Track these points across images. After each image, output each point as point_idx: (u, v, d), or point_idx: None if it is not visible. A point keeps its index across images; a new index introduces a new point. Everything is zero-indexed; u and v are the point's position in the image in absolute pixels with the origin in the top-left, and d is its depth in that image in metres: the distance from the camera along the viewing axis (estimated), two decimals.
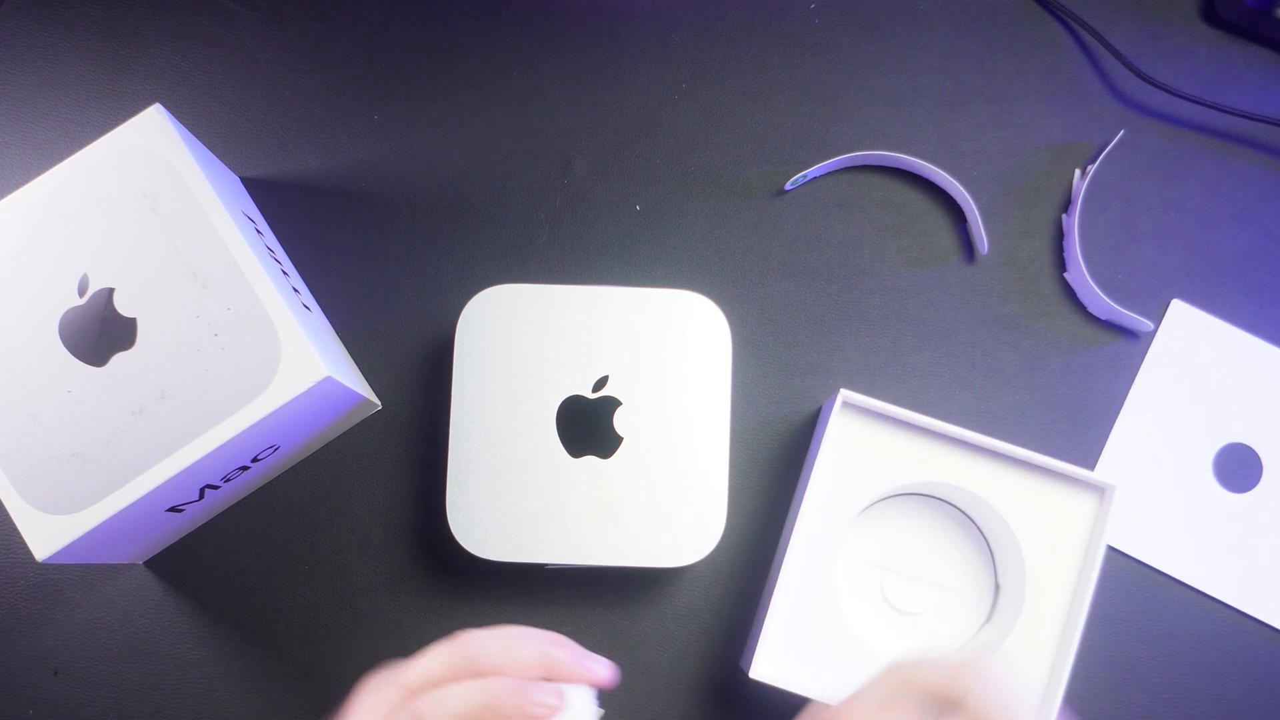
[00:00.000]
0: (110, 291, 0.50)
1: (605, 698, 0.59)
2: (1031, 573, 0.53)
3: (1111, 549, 0.58)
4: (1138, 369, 0.60)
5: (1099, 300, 0.59)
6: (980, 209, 0.60)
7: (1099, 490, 0.54)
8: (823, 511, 0.54)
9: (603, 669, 0.45)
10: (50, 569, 0.59)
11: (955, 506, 0.56)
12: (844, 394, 0.53)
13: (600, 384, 0.55)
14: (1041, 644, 0.53)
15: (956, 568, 0.56)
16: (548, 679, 0.44)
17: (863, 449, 0.54)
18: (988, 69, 0.63)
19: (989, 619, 0.56)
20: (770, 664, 0.53)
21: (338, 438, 0.60)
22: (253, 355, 0.50)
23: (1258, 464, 0.59)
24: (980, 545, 0.56)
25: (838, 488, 0.54)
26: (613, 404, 0.54)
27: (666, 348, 0.55)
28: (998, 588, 0.56)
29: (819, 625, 0.53)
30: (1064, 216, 0.61)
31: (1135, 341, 0.60)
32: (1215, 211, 0.61)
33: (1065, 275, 0.61)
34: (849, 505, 0.54)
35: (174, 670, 0.58)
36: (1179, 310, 0.60)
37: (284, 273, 0.56)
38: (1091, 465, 0.59)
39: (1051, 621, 0.53)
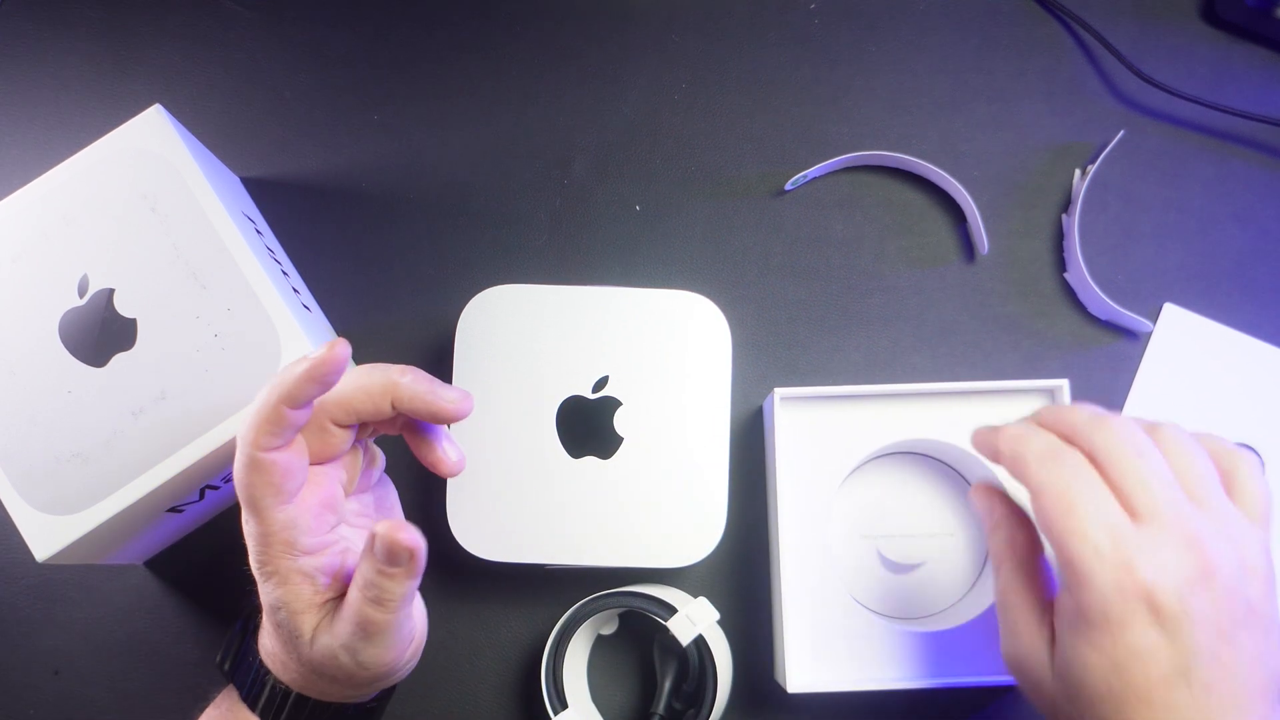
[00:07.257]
0: (110, 292, 0.50)
1: (624, 696, 0.58)
2: (1013, 491, 0.54)
3: None
4: (1137, 369, 0.60)
5: (1099, 300, 0.59)
6: (980, 209, 0.60)
7: (1048, 393, 0.55)
8: (800, 505, 0.54)
9: (454, 395, 0.45)
10: (50, 569, 0.59)
11: (924, 455, 0.57)
12: (779, 392, 0.54)
13: (600, 384, 0.55)
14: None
15: (943, 512, 0.57)
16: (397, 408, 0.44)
17: (818, 434, 0.55)
18: (988, 69, 0.63)
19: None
20: (803, 673, 0.53)
21: None
22: (253, 355, 0.50)
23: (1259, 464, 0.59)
24: (959, 484, 0.57)
25: (807, 479, 0.55)
26: (613, 404, 0.54)
27: (667, 348, 0.55)
28: None
29: (834, 616, 0.54)
30: (1064, 216, 0.61)
31: (1135, 341, 0.60)
32: (1215, 211, 0.61)
33: (1065, 275, 0.61)
34: (823, 492, 0.55)
35: (174, 670, 0.58)
36: (1172, 313, 0.60)
37: (284, 273, 0.56)
38: None
39: None
